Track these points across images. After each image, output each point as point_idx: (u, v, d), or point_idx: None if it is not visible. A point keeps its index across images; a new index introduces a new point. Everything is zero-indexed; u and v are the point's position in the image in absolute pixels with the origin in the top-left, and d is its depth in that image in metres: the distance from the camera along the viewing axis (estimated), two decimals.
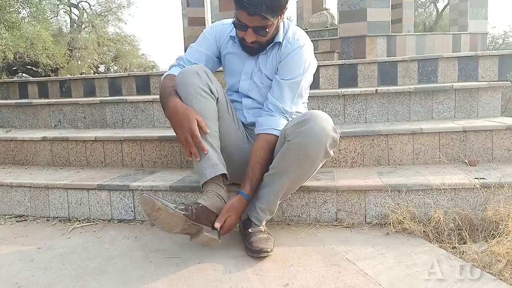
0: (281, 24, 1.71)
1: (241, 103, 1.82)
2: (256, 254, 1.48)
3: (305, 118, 1.50)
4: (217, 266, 1.45)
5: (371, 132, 2.13)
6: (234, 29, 1.73)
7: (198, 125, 1.51)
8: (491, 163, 2.06)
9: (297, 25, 1.90)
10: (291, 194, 1.72)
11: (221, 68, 1.92)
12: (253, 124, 1.77)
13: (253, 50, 1.71)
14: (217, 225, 1.48)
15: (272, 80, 1.73)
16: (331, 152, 1.55)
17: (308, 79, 1.72)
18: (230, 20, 1.76)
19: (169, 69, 1.78)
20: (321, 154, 1.51)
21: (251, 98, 1.80)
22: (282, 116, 1.65)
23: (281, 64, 1.70)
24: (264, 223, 1.62)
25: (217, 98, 1.62)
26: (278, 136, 1.61)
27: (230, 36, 1.78)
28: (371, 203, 1.80)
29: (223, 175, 1.57)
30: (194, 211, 1.43)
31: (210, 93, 1.58)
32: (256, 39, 1.63)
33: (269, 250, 1.48)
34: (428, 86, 2.59)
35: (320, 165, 1.57)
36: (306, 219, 1.84)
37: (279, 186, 1.55)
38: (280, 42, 1.71)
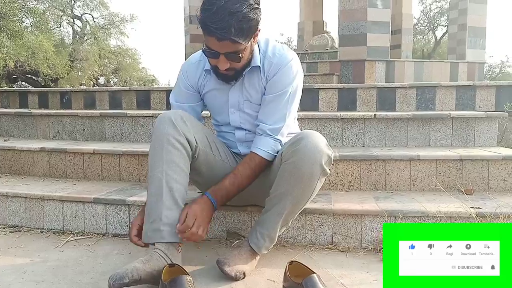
0: (256, 48, 1.59)
1: (234, 134, 1.76)
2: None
3: (298, 137, 1.49)
4: (210, 285, 1.44)
5: (368, 156, 2.14)
6: (206, 61, 1.62)
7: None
8: (487, 193, 2.07)
9: (297, 47, 1.88)
10: (293, 221, 1.68)
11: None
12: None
13: (229, 77, 1.59)
14: (177, 230, 1.42)
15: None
16: (328, 170, 1.51)
17: (296, 89, 1.63)
18: (198, 54, 1.70)
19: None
20: (317, 171, 1.47)
21: (244, 130, 1.74)
22: (269, 137, 1.60)
23: (269, 84, 1.61)
24: (263, 251, 1.57)
25: (196, 146, 1.57)
26: (261, 156, 1.57)
27: (205, 70, 1.68)
28: (367, 227, 1.80)
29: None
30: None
31: (186, 143, 1.53)
32: (230, 66, 1.50)
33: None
34: (426, 113, 2.62)
35: (319, 185, 1.53)
36: (301, 241, 1.84)
37: (279, 209, 1.52)
38: (259, 66, 1.60)
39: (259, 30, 1.50)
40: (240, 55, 1.47)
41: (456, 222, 1.75)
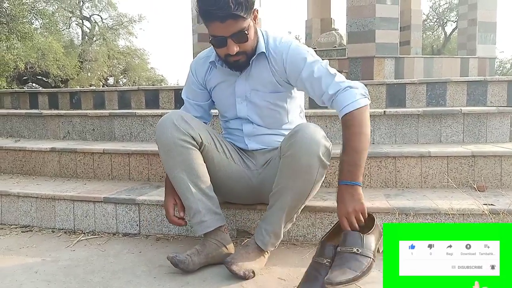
0: (259, 32, 1.62)
1: (242, 130, 1.76)
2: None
3: (295, 130, 1.47)
4: (221, 284, 1.44)
5: (378, 153, 2.12)
6: (213, 53, 1.65)
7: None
8: (499, 189, 2.04)
9: (305, 44, 1.84)
10: (297, 216, 1.68)
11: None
12: (255, 150, 1.76)
13: (241, 64, 1.59)
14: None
15: (271, 93, 1.66)
16: (327, 162, 1.47)
17: (314, 56, 1.59)
18: (206, 51, 1.74)
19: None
20: (315, 163, 1.44)
21: (252, 123, 1.73)
22: (340, 93, 1.50)
23: (288, 70, 1.60)
24: (269, 248, 1.56)
25: (201, 142, 1.61)
26: (354, 109, 1.47)
27: (210, 62, 1.69)
28: (378, 225, 1.78)
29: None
30: None
31: (192, 141, 1.58)
32: (240, 49, 1.52)
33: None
34: (437, 109, 2.59)
35: (319, 178, 1.49)
36: (311, 240, 1.83)
37: (281, 204, 1.51)
38: (264, 52, 1.60)
39: (257, 11, 1.53)
40: (246, 32, 1.49)
41: (469, 219, 1.72)
